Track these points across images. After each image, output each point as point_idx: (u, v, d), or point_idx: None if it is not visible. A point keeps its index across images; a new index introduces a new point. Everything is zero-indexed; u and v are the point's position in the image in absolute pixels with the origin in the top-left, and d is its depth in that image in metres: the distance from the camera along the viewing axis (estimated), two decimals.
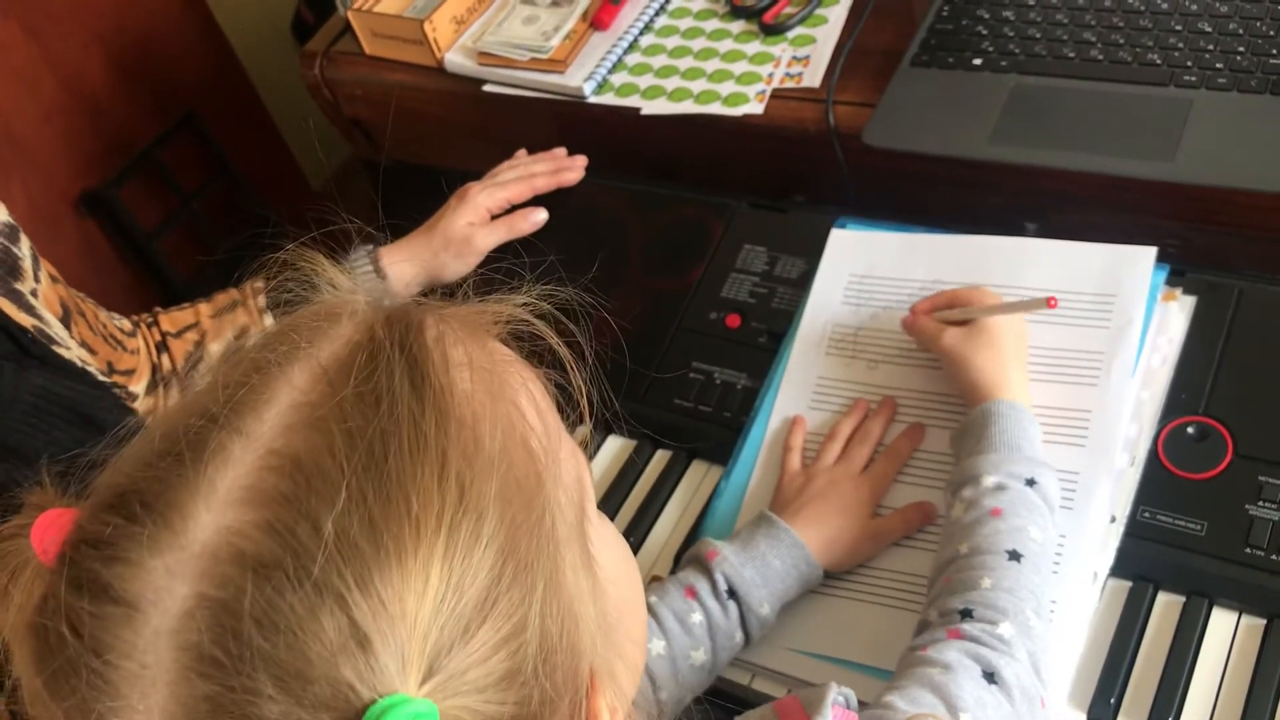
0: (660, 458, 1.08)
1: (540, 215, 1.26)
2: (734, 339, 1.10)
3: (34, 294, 0.98)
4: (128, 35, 2.06)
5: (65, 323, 1.01)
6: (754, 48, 1.33)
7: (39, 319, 0.97)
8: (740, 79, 1.30)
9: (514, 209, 1.26)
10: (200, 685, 0.42)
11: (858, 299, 1.06)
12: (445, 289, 1.22)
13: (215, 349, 1.16)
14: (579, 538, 0.51)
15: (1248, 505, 0.86)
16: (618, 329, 0.87)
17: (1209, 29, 1.12)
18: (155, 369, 1.15)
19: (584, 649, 0.49)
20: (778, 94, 1.27)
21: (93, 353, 1.03)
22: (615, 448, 1.10)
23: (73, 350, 1.00)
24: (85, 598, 0.43)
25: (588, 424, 0.58)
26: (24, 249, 0.99)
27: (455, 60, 1.43)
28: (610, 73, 1.37)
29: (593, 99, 1.35)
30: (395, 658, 0.42)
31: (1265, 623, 0.83)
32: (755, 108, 1.26)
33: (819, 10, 1.33)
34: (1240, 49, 1.09)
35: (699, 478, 1.06)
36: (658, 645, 0.85)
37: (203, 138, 2.19)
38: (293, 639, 0.41)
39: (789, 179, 1.29)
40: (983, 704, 0.72)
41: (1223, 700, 0.81)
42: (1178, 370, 0.95)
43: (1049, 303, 0.90)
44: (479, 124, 1.48)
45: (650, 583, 0.95)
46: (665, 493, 1.05)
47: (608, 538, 0.56)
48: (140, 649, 0.42)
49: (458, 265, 1.23)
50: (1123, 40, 1.14)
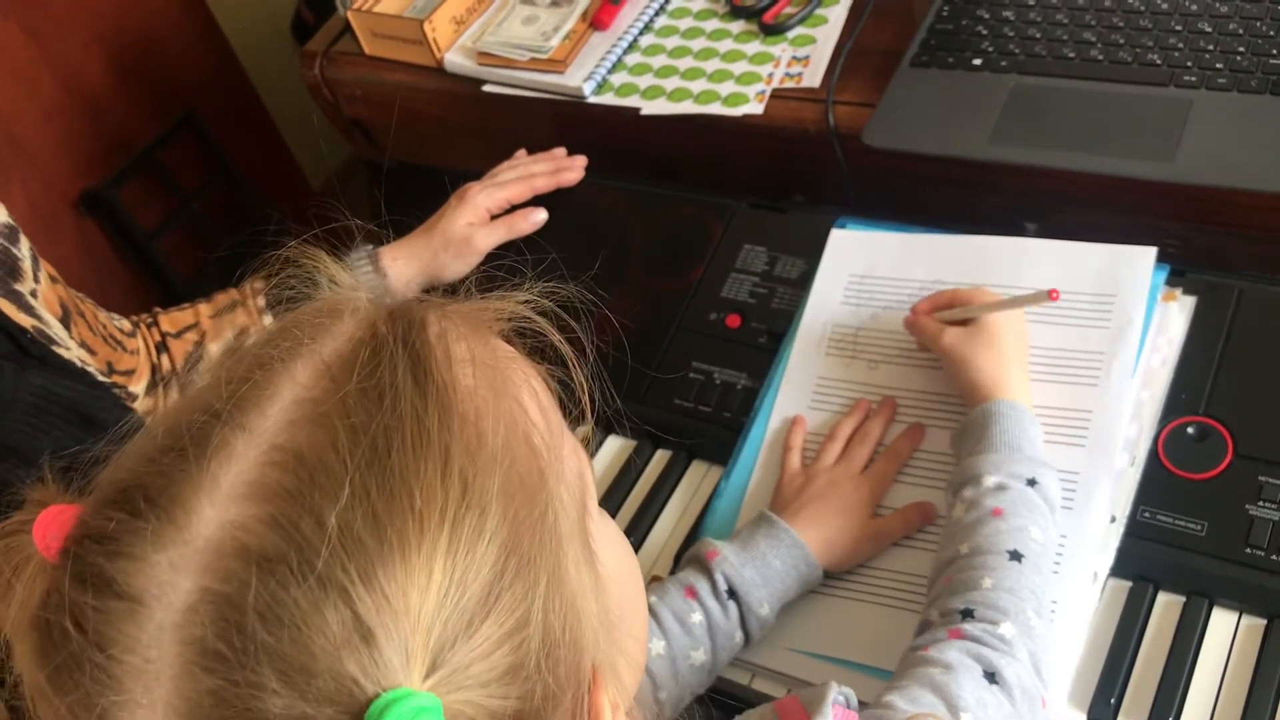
0: (660, 458, 1.08)
1: (540, 215, 1.25)
2: (734, 339, 1.10)
3: (33, 294, 0.98)
4: (128, 35, 2.06)
5: (65, 323, 1.01)
6: (754, 48, 1.33)
7: (39, 319, 0.97)
8: (740, 79, 1.30)
9: (514, 209, 1.26)
10: (204, 679, 0.42)
11: (858, 299, 1.06)
12: (446, 288, 1.22)
13: (215, 349, 1.16)
14: (581, 534, 0.51)
15: (1248, 505, 0.86)
16: (619, 326, 0.87)
17: (1209, 29, 1.12)
18: (155, 369, 1.15)
19: (586, 644, 0.49)
20: (777, 94, 1.27)
21: (92, 353, 1.03)
22: (615, 447, 1.10)
23: (72, 350, 1.00)
24: (89, 592, 0.43)
25: (589, 421, 0.58)
26: (23, 249, 0.99)
27: (455, 60, 1.43)
28: (610, 73, 1.37)
29: (592, 99, 1.35)
30: (399, 652, 0.42)
31: (1265, 623, 0.83)
32: (755, 108, 1.26)
33: (819, 10, 1.33)
34: (1240, 49, 1.09)
35: (699, 478, 1.06)
36: (657, 645, 0.85)
37: (203, 138, 2.19)
38: (296, 633, 0.41)
39: (789, 179, 1.29)
40: (983, 704, 0.72)
41: (1223, 700, 0.81)
42: (1178, 370, 0.95)
43: (1050, 295, 0.90)
44: (479, 124, 1.48)
45: (650, 583, 0.95)
46: (665, 493, 1.05)
47: (609, 534, 0.56)
48: (144, 643, 0.42)
49: (457, 265, 1.23)
50: (1123, 40, 1.14)
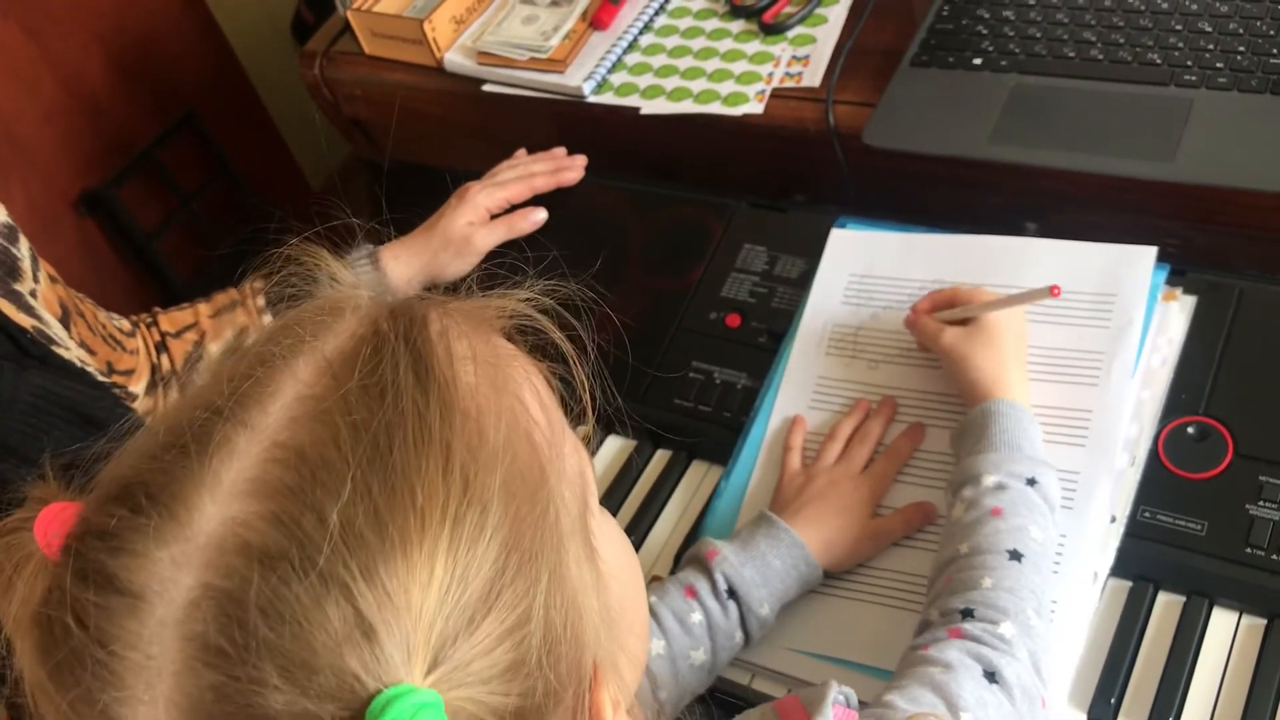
0: (660, 457, 1.08)
1: (540, 215, 1.25)
2: (734, 339, 1.10)
3: (33, 294, 0.98)
4: (128, 35, 2.06)
5: (64, 323, 1.01)
6: (754, 47, 1.33)
7: (38, 319, 0.97)
8: (740, 79, 1.30)
9: (513, 209, 1.26)
10: (206, 675, 0.42)
11: (858, 299, 1.06)
12: (446, 287, 1.22)
13: (214, 349, 1.16)
14: (582, 531, 0.51)
15: (1248, 505, 0.86)
16: (619, 325, 0.87)
17: (1209, 28, 1.12)
18: (155, 369, 1.15)
19: (587, 641, 0.49)
20: (777, 94, 1.27)
21: (92, 353, 1.03)
22: (616, 447, 1.10)
23: (72, 350, 1.00)
24: (90, 589, 0.43)
25: (590, 420, 0.58)
26: (23, 249, 0.99)
27: (455, 60, 1.43)
28: (610, 72, 1.37)
29: (592, 99, 1.35)
30: (400, 648, 0.42)
31: (1266, 623, 0.83)
32: (755, 107, 1.26)
33: (819, 10, 1.33)
34: (1240, 48, 1.09)
35: (699, 478, 1.06)
36: (657, 645, 0.84)
37: (203, 138, 2.18)
38: (298, 629, 0.41)
39: (789, 179, 1.29)
40: (983, 703, 0.72)
41: (1223, 700, 0.81)
42: (1178, 370, 0.95)
43: (1051, 291, 0.89)
44: (478, 124, 1.48)
45: (650, 583, 0.95)
46: (665, 493, 1.05)
47: (610, 532, 0.56)
48: (145, 639, 0.42)
49: (457, 265, 1.23)
50: (1123, 40, 1.14)
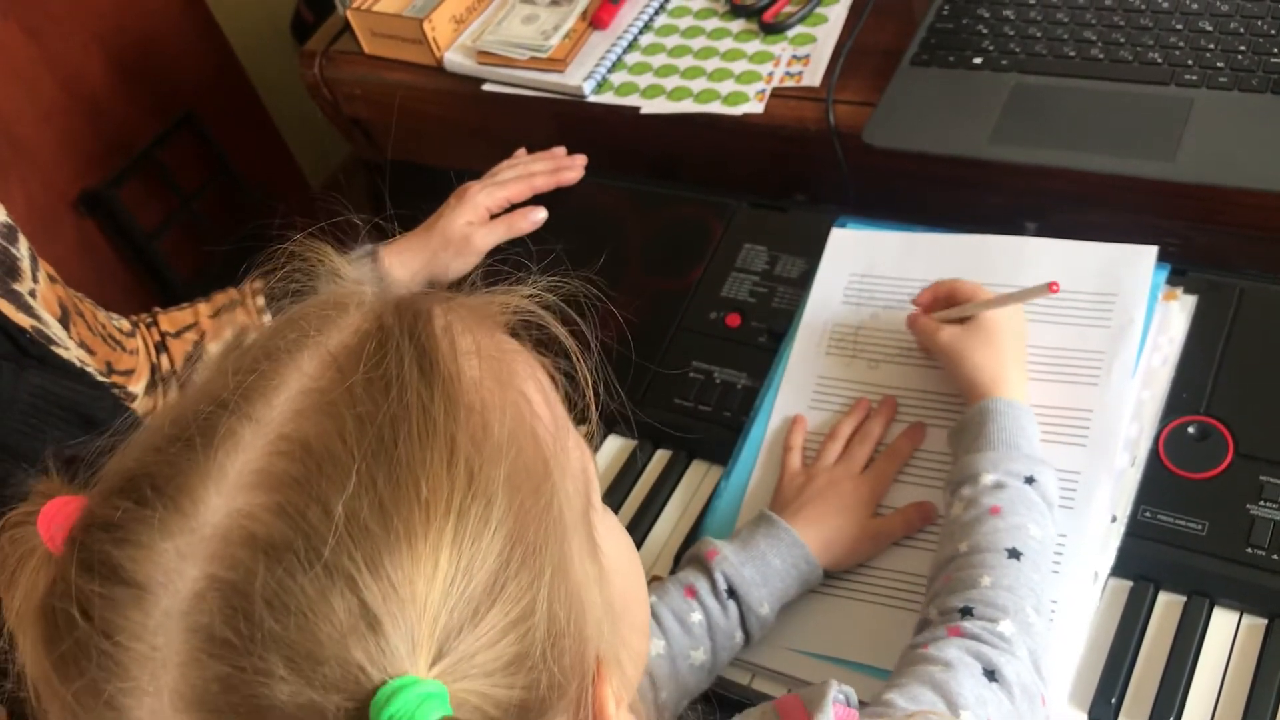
0: (660, 457, 1.08)
1: (540, 214, 1.25)
2: (734, 338, 1.10)
3: (32, 294, 0.98)
4: (128, 35, 2.06)
5: (64, 323, 1.01)
6: (754, 47, 1.33)
7: (37, 319, 0.97)
8: (740, 78, 1.30)
9: (513, 208, 1.26)
10: (211, 666, 0.42)
11: (858, 298, 1.06)
12: (449, 285, 1.22)
13: (214, 349, 1.16)
14: (585, 526, 0.52)
15: (1249, 505, 0.86)
16: (622, 322, 0.87)
17: (1210, 28, 1.12)
18: (154, 369, 1.15)
19: (591, 635, 0.49)
20: (777, 93, 1.27)
21: (91, 353, 1.03)
22: (616, 447, 1.10)
23: (71, 350, 1.00)
24: (95, 580, 0.43)
25: (594, 418, 0.58)
26: (22, 249, 0.99)
27: (455, 59, 1.43)
28: (610, 72, 1.37)
29: (592, 98, 1.35)
30: (405, 639, 0.42)
31: (1266, 623, 0.83)
32: (755, 107, 1.26)
33: (819, 9, 1.33)
34: (1241, 48, 1.09)
35: (699, 478, 1.06)
36: (658, 645, 0.84)
37: (202, 138, 2.18)
38: (303, 620, 0.41)
39: (789, 178, 1.29)
40: (983, 701, 0.72)
41: (1224, 700, 0.81)
42: (1178, 370, 0.95)
43: (1050, 288, 0.89)
44: (478, 123, 1.48)
45: (650, 582, 0.95)
46: (665, 493, 1.05)
47: (612, 529, 0.57)
48: (150, 630, 0.42)
49: (457, 264, 1.23)
50: (1123, 39, 1.14)
